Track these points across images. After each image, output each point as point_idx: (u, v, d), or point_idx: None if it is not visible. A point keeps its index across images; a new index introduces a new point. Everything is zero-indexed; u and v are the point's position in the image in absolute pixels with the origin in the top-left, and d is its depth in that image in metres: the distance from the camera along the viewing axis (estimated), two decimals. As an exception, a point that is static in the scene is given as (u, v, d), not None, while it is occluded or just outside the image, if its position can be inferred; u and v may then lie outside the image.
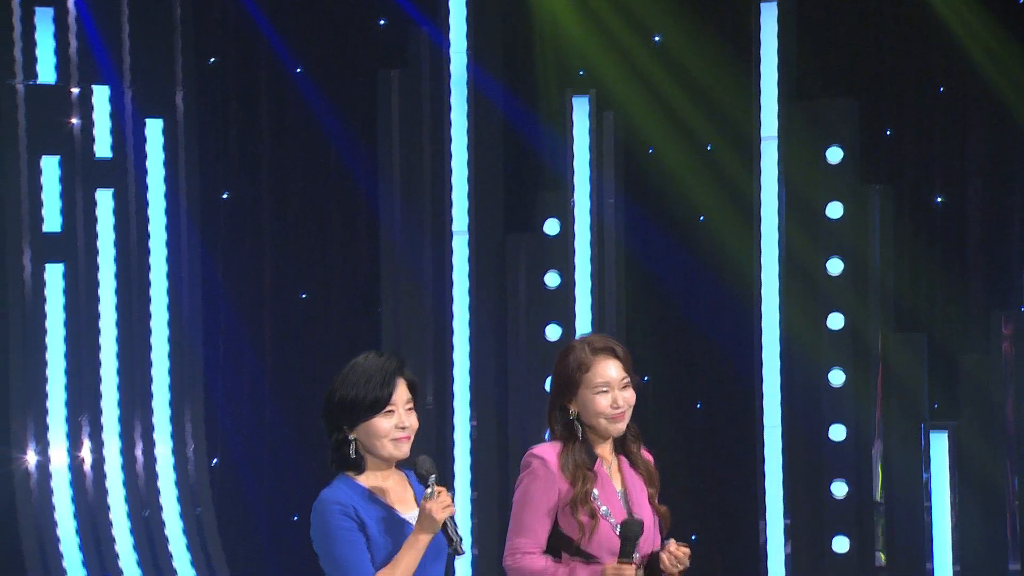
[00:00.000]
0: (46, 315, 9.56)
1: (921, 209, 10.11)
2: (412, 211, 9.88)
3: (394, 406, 4.41)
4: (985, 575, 9.17)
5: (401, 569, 4.36)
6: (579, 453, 4.65)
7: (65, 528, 9.40)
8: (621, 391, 4.62)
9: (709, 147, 10.22)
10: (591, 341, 4.72)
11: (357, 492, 4.40)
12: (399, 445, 4.38)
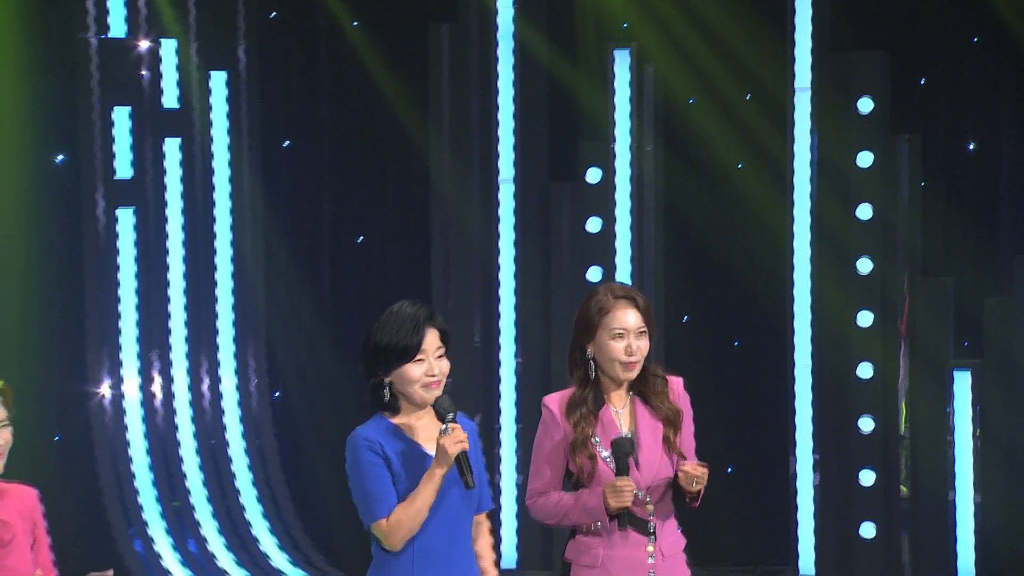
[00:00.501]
0: (118, 257, 9.53)
1: (954, 156, 10.09)
2: (461, 160, 9.89)
3: (424, 354, 4.49)
4: (1005, 505, 9.16)
5: (420, 499, 4.46)
6: (587, 398, 4.73)
7: (138, 456, 9.45)
8: (636, 338, 4.68)
9: (748, 96, 10.19)
10: (614, 288, 4.76)
11: (386, 430, 4.52)
12: (430, 390, 4.48)
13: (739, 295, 10.30)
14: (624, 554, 4.75)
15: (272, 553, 9.48)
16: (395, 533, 4.51)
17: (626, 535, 4.75)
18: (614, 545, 4.75)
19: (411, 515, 4.51)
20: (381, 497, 4.50)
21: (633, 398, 4.79)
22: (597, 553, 4.76)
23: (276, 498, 9.66)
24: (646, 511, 4.74)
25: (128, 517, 9.28)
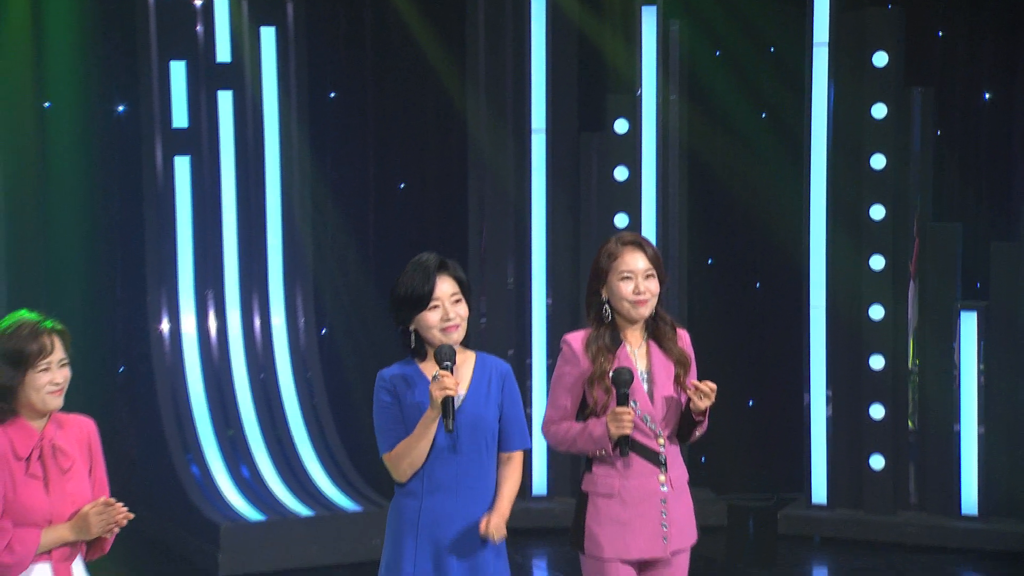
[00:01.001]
0: (175, 202, 9.47)
1: (969, 106, 10.03)
2: (495, 111, 9.92)
3: (438, 300, 4.67)
4: (1007, 437, 9.19)
5: (414, 438, 4.68)
6: (604, 337, 4.87)
7: (195, 388, 9.44)
8: (644, 280, 4.84)
9: (772, 49, 10.25)
10: (622, 236, 4.93)
11: (408, 373, 4.71)
12: (448, 334, 4.64)
13: (760, 239, 10.35)
14: (638, 484, 4.87)
15: (318, 478, 9.41)
16: (396, 466, 4.69)
17: (637, 465, 4.86)
18: (629, 476, 4.87)
19: (407, 452, 4.67)
20: (387, 433, 4.71)
21: (648, 340, 4.90)
22: (613, 484, 4.87)
23: (322, 427, 9.63)
24: (658, 444, 4.86)
25: (185, 444, 9.26)
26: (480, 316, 9.93)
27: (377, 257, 10.36)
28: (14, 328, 4.47)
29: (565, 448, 5.00)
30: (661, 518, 4.93)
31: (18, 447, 4.46)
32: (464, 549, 4.80)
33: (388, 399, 4.75)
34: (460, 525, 4.79)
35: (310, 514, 9.00)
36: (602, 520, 4.93)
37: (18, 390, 4.43)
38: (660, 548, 4.92)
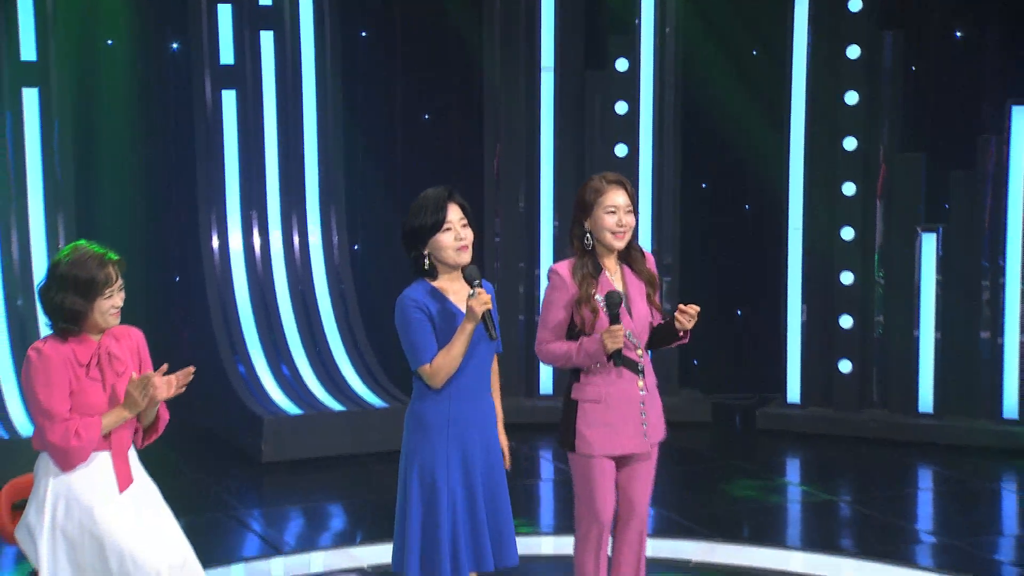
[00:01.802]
0: (223, 131, 9.47)
1: (942, 44, 9.94)
2: (509, 51, 9.89)
3: (450, 224, 4.74)
4: (960, 343, 9.29)
5: (456, 348, 4.75)
6: (587, 264, 4.95)
7: (241, 297, 9.50)
8: (625, 214, 4.92)
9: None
10: (606, 175, 4.99)
11: (428, 292, 4.80)
12: (461, 254, 4.75)
13: (748, 166, 10.31)
14: (621, 390, 5.00)
15: (350, 377, 9.46)
16: (437, 375, 4.76)
17: (620, 374, 4.98)
18: (612, 383, 4.99)
19: (449, 361, 4.75)
20: (426, 347, 4.77)
21: (622, 266, 5.02)
22: (599, 391, 4.99)
23: (353, 332, 9.65)
24: (636, 354, 4.98)
25: (233, 346, 9.33)
26: (495, 235, 9.96)
27: (403, 181, 10.34)
28: (79, 258, 4.56)
29: (560, 364, 5.05)
30: (641, 418, 5.05)
31: (80, 356, 4.59)
32: (482, 445, 4.94)
33: (421, 315, 4.80)
34: (479, 427, 4.92)
35: (342, 409, 9.07)
36: (591, 423, 5.01)
37: (86, 314, 4.56)
38: (641, 444, 5.07)
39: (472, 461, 4.87)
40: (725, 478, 8.60)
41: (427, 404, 4.85)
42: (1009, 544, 7.46)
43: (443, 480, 4.82)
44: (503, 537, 4.93)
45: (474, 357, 4.83)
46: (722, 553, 6.81)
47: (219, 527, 7.51)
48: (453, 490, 4.84)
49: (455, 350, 4.75)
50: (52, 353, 4.53)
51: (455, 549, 4.83)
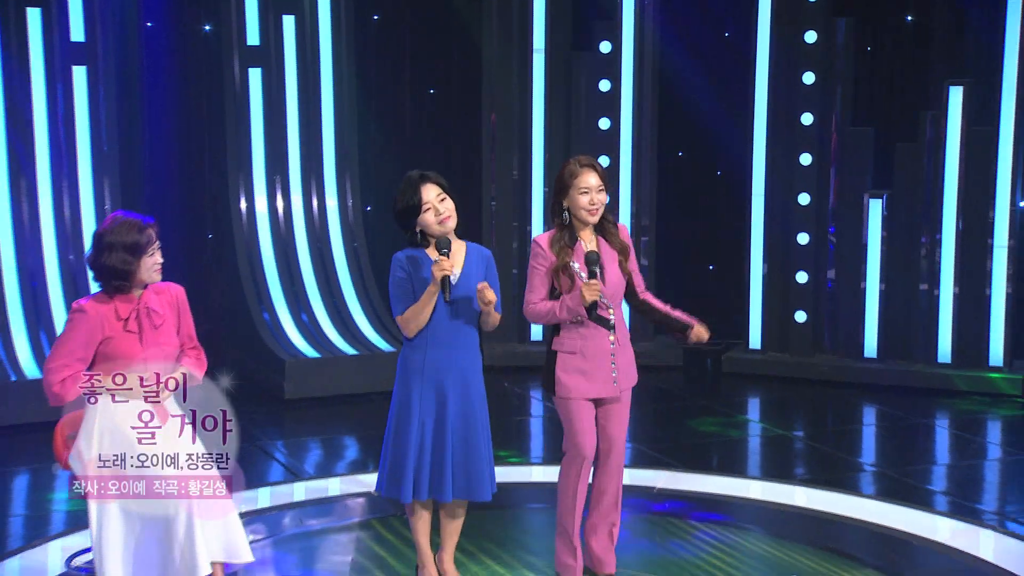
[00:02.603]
0: (250, 105, 9.43)
1: (895, 27, 9.94)
2: (504, 34, 9.93)
3: (428, 203, 4.83)
4: (902, 295, 9.32)
5: (419, 305, 4.88)
6: (564, 236, 5.01)
7: (266, 253, 9.45)
8: (597, 194, 4.97)
9: None
10: (580, 159, 5.03)
11: (416, 256, 4.89)
12: (444, 225, 4.85)
13: (719, 137, 10.35)
14: (594, 343, 5.06)
15: (362, 324, 9.45)
16: (406, 326, 4.92)
17: (594, 329, 5.04)
18: (586, 337, 5.06)
19: (415, 315, 4.89)
20: (400, 300, 4.91)
21: (597, 237, 5.07)
22: (575, 343, 5.06)
23: (366, 285, 9.62)
24: (608, 313, 5.03)
25: (259, 295, 9.31)
26: (491, 199, 9.97)
27: (411, 149, 10.38)
28: (121, 226, 4.61)
29: (544, 321, 5.11)
30: (611, 367, 5.09)
31: (120, 311, 4.62)
32: (459, 390, 4.99)
33: (402, 275, 4.91)
34: (456, 371, 4.98)
35: (355, 352, 9.09)
36: (568, 370, 5.06)
37: (135, 271, 4.60)
38: (612, 389, 5.11)
39: (446, 403, 4.95)
40: (692, 415, 8.60)
41: (408, 350, 4.97)
42: (941, 473, 7.45)
43: (415, 415, 4.92)
44: (474, 474, 5.00)
45: (450, 313, 4.92)
46: (685, 481, 6.79)
47: (246, 456, 7.32)
48: (424, 424, 4.93)
49: (418, 306, 4.86)
50: (91, 311, 4.59)
51: (417, 475, 4.93)
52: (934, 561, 5.65)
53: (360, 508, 6.43)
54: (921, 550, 5.74)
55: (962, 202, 9.11)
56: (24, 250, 8.78)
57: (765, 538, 5.89)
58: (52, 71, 8.85)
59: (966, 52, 9.52)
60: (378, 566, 5.55)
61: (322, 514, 6.33)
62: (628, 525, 5.98)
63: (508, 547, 5.76)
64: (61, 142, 8.90)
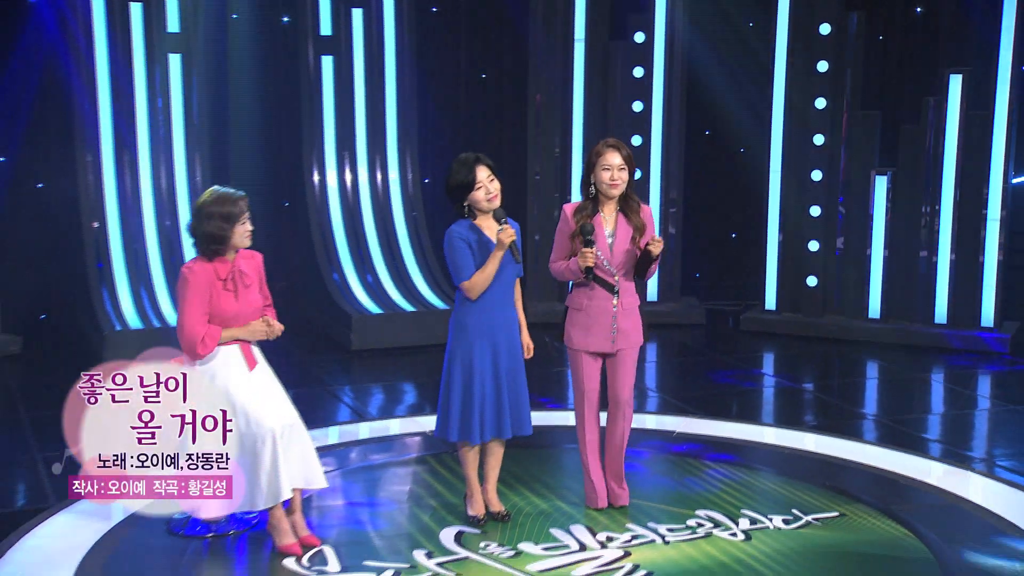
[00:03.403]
0: (322, 89, 9.47)
1: (905, 19, 9.84)
2: (549, 25, 9.87)
3: (480, 183, 4.91)
4: (903, 262, 9.30)
5: (487, 269, 4.97)
6: (587, 208, 5.11)
7: (336, 220, 9.50)
8: (618, 172, 5.07)
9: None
10: (608, 140, 5.13)
11: (468, 227, 4.98)
12: (491, 202, 4.93)
13: (741, 119, 10.32)
14: (598, 304, 5.19)
15: (419, 284, 9.44)
16: (473, 289, 4.97)
17: (597, 291, 5.16)
18: (592, 297, 5.19)
19: (483, 278, 4.96)
20: (466, 267, 4.97)
21: (618, 212, 5.17)
22: (582, 301, 5.21)
23: (423, 249, 9.63)
24: (613, 279, 5.15)
25: (329, 258, 9.33)
26: (535, 173, 9.97)
27: (465, 128, 10.42)
28: (219, 198, 4.77)
29: (560, 277, 5.23)
30: (612, 327, 5.18)
31: (220, 272, 4.82)
32: (506, 344, 5.08)
33: (463, 244, 4.97)
34: (505, 329, 5.08)
35: (413, 309, 9.11)
36: (575, 324, 5.21)
37: (229, 237, 4.79)
38: (608, 346, 5.20)
39: (499, 354, 5.05)
40: (712, 368, 8.57)
41: (466, 311, 5.04)
42: (934, 422, 7.45)
43: (477, 368, 5.02)
44: (520, 413, 5.12)
45: (501, 277, 5.02)
46: (703, 426, 6.79)
47: (318, 399, 7.54)
48: (483, 374, 5.03)
49: (488, 270, 4.95)
50: (200, 271, 4.76)
51: (482, 419, 5.05)
52: (925, 499, 5.63)
53: (416, 445, 6.46)
54: (914, 490, 5.74)
55: (959, 178, 9.05)
56: (127, 216, 8.92)
57: (772, 477, 5.90)
58: (151, 58, 8.96)
59: (967, 43, 9.38)
60: (432, 495, 5.65)
61: (383, 450, 6.37)
62: (648, 463, 6.06)
63: (544, 481, 5.80)
64: (159, 121, 9.01)
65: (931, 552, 4.97)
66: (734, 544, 5.06)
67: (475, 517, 5.26)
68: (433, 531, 5.19)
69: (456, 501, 5.52)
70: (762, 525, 5.26)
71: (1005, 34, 8.80)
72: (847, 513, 5.42)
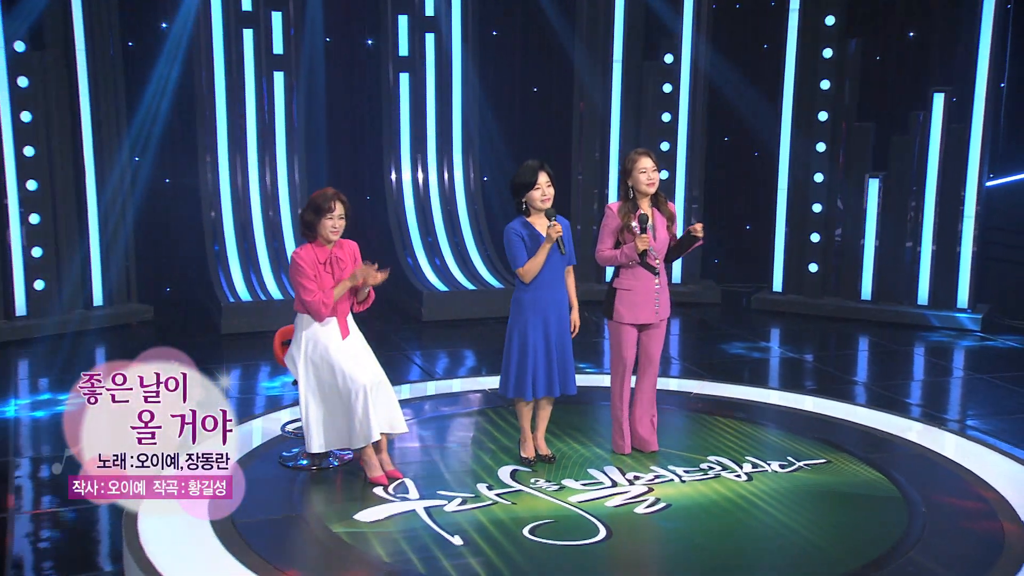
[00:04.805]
0: (399, 101, 9.54)
1: (899, 42, 9.77)
2: (590, 48, 9.95)
3: (539, 185, 4.97)
4: (893, 248, 9.25)
5: (538, 258, 5.01)
6: (629, 205, 5.20)
7: (409, 212, 9.57)
8: (652, 173, 5.14)
9: (772, 3, 10.07)
10: (638, 150, 5.20)
11: (523, 223, 5.11)
12: (545, 203, 5.02)
13: (756, 128, 10.29)
14: (643, 284, 5.27)
15: (479, 266, 9.52)
16: (527, 274, 5.05)
17: (642, 274, 5.20)
18: (638, 278, 5.26)
19: (534, 265, 5.03)
20: (520, 256, 5.08)
21: (652, 207, 5.26)
22: (630, 283, 5.27)
23: (483, 236, 9.70)
24: (656, 263, 5.24)
25: (404, 244, 9.39)
26: (578, 174, 10.00)
27: (519, 135, 10.44)
28: (321, 193, 4.87)
29: (609, 263, 5.23)
30: (655, 301, 5.26)
31: (319, 257, 4.88)
32: (555, 319, 5.09)
33: (518, 238, 5.02)
34: (554, 307, 5.09)
35: (473, 288, 9.18)
36: (623, 303, 5.23)
37: (316, 226, 4.84)
38: (653, 317, 5.28)
39: (549, 326, 5.10)
40: (726, 341, 8.55)
41: (522, 292, 5.11)
42: (916, 388, 7.42)
43: (531, 337, 5.11)
44: (567, 376, 5.19)
45: (550, 264, 5.08)
46: (717, 389, 6.74)
47: (394, 361, 7.58)
48: (536, 343, 5.13)
49: (538, 259, 5.03)
50: (306, 255, 4.89)
51: (535, 379, 5.15)
52: (899, 450, 5.62)
53: (477, 400, 6.47)
54: (891, 443, 5.73)
55: (940, 181, 9.05)
56: (238, 207, 9.07)
57: (775, 431, 5.90)
58: (259, 75, 9.09)
59: (951, 64, 9.38)
60: (490, 440, 5.70)
61: (450, 404, 6.39)
62: (670, 419, 6.07)
63: (583, 431, 5.83)
64: (265, 128, 9.14)
65: (899, 492, 5.06)
66: (738, 484, 5.11)
67: (527, 459, 5.34)
68: (492, 468, 5.26)
69: (511, 445, 5.58)
70: (762, 469, 5.31)
71: (982, 58, 8.83)
72: (832, 460, 5.45)
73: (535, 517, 4.71)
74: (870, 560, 4.36)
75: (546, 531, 4.57)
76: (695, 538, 4.56)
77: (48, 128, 8.37)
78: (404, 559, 4.30)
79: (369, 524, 4.63)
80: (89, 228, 8.60)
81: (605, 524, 4.65)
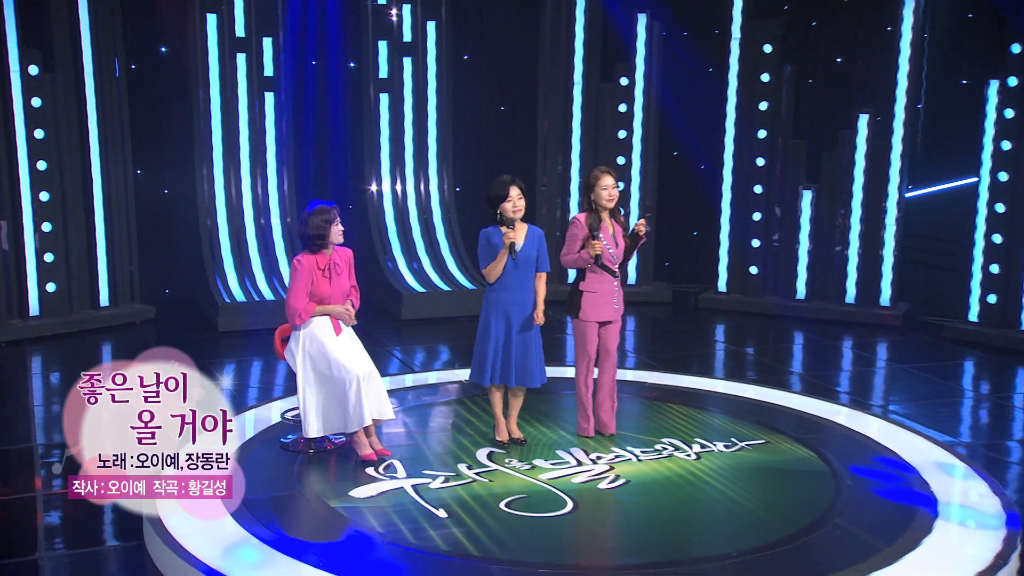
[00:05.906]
0: (380, 119, 9.52)
1: (827, 67, 9.83)
2: (554, 70, 9.97)
3: (511, 198, 5.02)
4: (824, 252, 9.33)
5: (497, 260, 5.07)
6: (593, 217, 5.27)
7: (389, 220, 9.56)
8: (613, 189, 5.21)
9: (716, 31, 9.97)
10: (600, 167, 5.28)
11: (493, 231, 5.18)
12: (517, 214, 5.09)
13: (702, 143, 10.24)
14: (604, 286, 5.35)
15: (453, 269, 9.49)
16: (489, 275, 5.13)
17: (605, 275, 5.27)
18: (600, 281, 5.35)
19: (493, 268, 5.10)
20: (484, 258, 5.17)
21: (611, 220, 5.34)
22: (594, 285, 5.32)
23: (456, 242, 9.66)
24: (615, 266, 5.31)
25: (384, 249, 9.35)
26: (543, 184, 9.99)
27: (488, 149, 10.40)
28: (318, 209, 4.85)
29: (572, 266, 5.28)
30: (614, 301, 5.33)
31: (319, 263, 4.96)
32: (519, 317, 5.13)
33: (485, 243, 5.14)
34: (517, 308, 5.13)
35: (448, 289, 9.18)
36: (589, 303, 5.28)
37: (328, 235, 4.93)
38: (613, 314, 5.35)
39: (511, 324, 5.14)
40: (677, 336, 8.61)
41: (489, 291, 5.20)
42: (845, 377, 7.43)
43: (492, 331, 5.18)
44: (525, 370, 5.18)
45: (516, 268, 5.10)
46: (669, 379, 6.80)
47: (376, 356, 7.31)
48: (497, 336, 5.19)
49: (496, 261, 5.10)
50: (306, 263, 4.93)
51: (493, 368, 5.20)
52: (830, 432, 5.73)
53: (454, 390, 6.51)
54: (822, 426, 5.83)
55: (865, 192, 9.16)
56: (232, 215, 9.05)
57: (720, 416, 5.98)
58: (251, 95, 9.10)
59: (874, 88, 9.46)
60: (468, 425, 5.78)
61: (430, 394, 6.43)
62: (627, 406, 6.13)
63: (551, 417, 5.93)
64: (256, 143, 9.15)
65: (829, 468, 5.22)
66: (688, 462, 5.22)
67: (501, 441, 5.41)
68: (471, 450, 5.34)
69: (486, 429, 5.67)
70: (709, 449, 5.43)
71: (901, 82, 8.95)
72: (771, 441, 5.58)
73: (510, 493, 4.80)
74: (802, 526, 4.53)
75: (520, 505, 4.68)
76: (651, 509, 4.67)
77: (59, 144, 8.42)
78: (396, 530, 4.42)
79: (363, 500, 4.72)
80: (96, 235, 8.65)
81: (572, 498, 4.74)
